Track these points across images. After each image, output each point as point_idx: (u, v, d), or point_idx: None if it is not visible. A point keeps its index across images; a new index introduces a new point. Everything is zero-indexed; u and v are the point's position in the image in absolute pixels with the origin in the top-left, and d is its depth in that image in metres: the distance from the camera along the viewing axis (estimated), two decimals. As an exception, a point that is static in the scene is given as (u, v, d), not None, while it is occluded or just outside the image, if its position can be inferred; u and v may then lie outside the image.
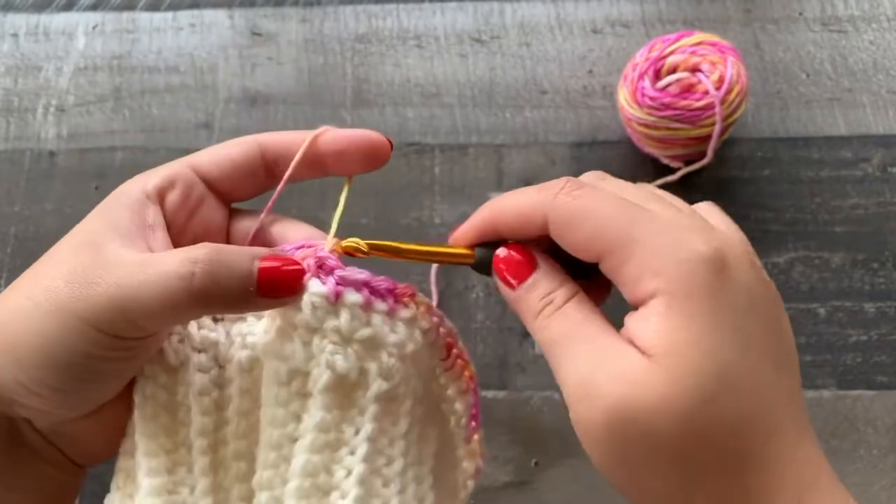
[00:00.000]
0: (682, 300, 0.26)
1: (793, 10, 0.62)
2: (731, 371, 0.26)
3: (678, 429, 0.25)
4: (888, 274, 0.54)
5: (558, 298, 0.28)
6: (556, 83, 0.61)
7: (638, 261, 0.26)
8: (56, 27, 0.64)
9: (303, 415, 0.28)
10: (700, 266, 0.26)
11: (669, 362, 0.25)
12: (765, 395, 0.26)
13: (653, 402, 0.25)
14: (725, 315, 0.26)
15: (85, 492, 0.51)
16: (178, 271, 0.26)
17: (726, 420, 0.26)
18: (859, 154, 0.57)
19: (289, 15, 0.64)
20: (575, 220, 0.28)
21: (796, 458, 0.26)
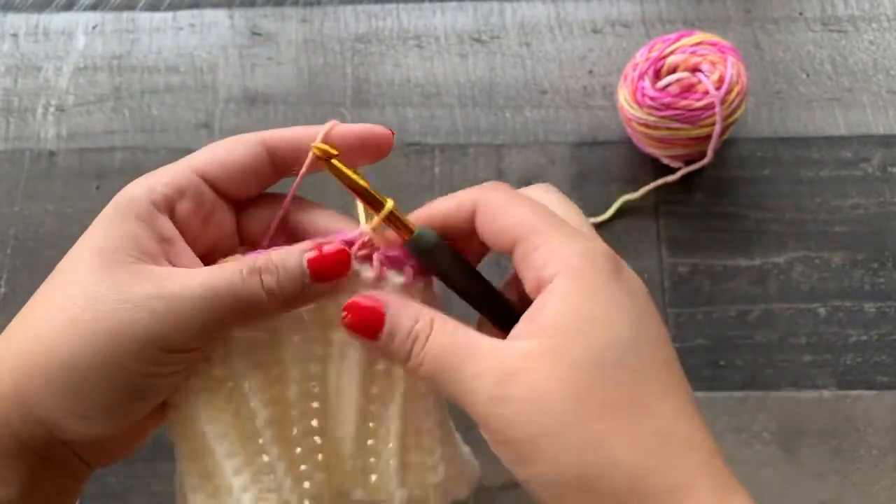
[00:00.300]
0: (581, 281, 0.28)
1: (793, 9, 0.62)
2: (629, 347, 0.27)
3: (572, 400, 0.26)
4: (888, 274, 0.54)
5: (422, 329, 0.29)
6: (556, 83, 0.61)
7: (547, 248, 0.29)
8: (56, 27, 0.64)
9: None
10: (600, 257, 0.29)
11: (560, 341, 0.27)
12: (663, 389, 0.27)
13: (538, 382, 0.27)
14: (622, 300, 0.28)
15: (85, 492, 0.51)
16: (244, 279, 0.28)
17: (618, 381, 0.27)
18: (859, 154, 0.57)
19: (289, 15, 0.64)
20: (500, 209, 0.30)
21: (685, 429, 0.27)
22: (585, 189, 0.57)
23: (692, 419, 0.28)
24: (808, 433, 0.51)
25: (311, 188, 0.58)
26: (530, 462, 0.27)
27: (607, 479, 0.26)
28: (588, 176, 0.58)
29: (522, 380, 0.27)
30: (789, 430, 0.51)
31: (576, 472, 0.26)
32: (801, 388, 0.52)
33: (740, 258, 0.55)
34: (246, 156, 0.32)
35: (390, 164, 0.58)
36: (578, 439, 0.26)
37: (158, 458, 0.51)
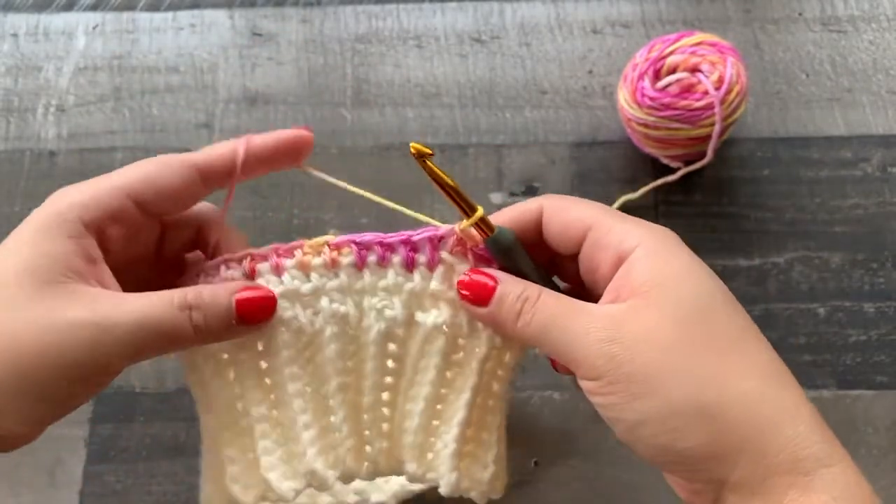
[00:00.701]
0: (661, 247, 0.31)
1: (792, 10, 0.62)
2: (716, 295, 0.30)
3: (679, 338, 0.29)
4: (888, 274, 0.54)
5: (532, 294, 0.32)
6: (556, 83, 0.61)
7: (621, 228, 0.31)
8: (56, 27, 0.64)
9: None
10: (669, 233, 0.32)
11: (656, 293, 0.29)
12: (756, 335, 0.31)
13: (643, 324, 0.29)
14: (697, 262, 0.31)
15: (84, 492, 0.51)
16: (175, 315, 0.30)
17: (718, 329, 0.29)
18: (859, 154, 0.57)
19: (289, 15, 0.64)
20: (566, 207, 0.33)
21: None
22: (585, 189, 0.57)
23: (781, 360, 0.31)
24: (807, 433, 0.51)
25: (311, 190, 0.58)
26: (644, 397, 0.28)
27: (725, 406, 0.28)
28: (588, 176, 0.58)
29: (631, 325, 0.29)
30: (789, 429, 0.51)
31: (694, 402, 0.28)
32: (801, 388, 0.52)
33: (740, 258, 0.55)
34: (179, 179, 0.33)
35: (390, 165, 0.59)
36: (692, 373, 0.28)
37: (158, 457, 0.52)
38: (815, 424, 0.29)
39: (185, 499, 0.51)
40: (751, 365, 0.29)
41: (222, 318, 0.31)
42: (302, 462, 0.34)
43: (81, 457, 0.52)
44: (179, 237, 0.36)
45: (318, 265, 0.34)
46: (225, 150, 0.34)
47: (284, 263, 0.33)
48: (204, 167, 0.34)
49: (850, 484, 0.28)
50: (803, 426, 0.28)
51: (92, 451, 0.52)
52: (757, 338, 0.30)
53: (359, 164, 0.59)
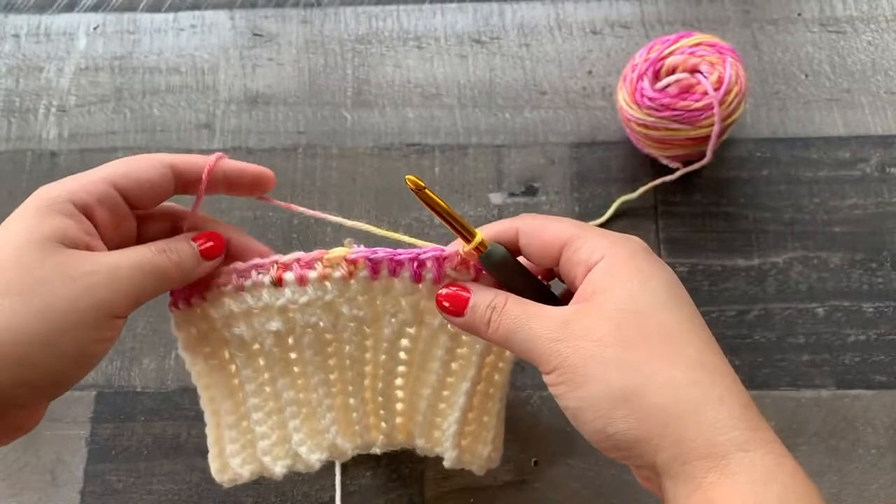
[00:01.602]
0: (620, 255, 0.34)
1: (791, 10, 0.62)
2: (658, 295, 0.33)
3: (613, 332, 0.32)
4: (886, 274, 0.54)
5: (498, 303, 0.36)
6: (556, 84, 0.61)
7: (592, 243, 0.35)
8: (57, 28, 0.64)
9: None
10: (637, 245, 0.36)
11: (600, 297, 0.33)
12: (695, 328, 0.33)
13: (586, 323, 0.33)
14: (654, 268, 0.34)
15: (85, 491, 0.51)
16: (160, 255, 0.36)
17: (655, 321, 0.33)
18: (858, 154, 0.57)
19: (289, 16, 0.64)
20: (541, 227, 0.37)
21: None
22: (584, 189, 0.57)
23: (719, 354, 0.33)
24: (806, 432, 0.51)
25: (312, 191, 0.58)
26: (584, 384, 0.32)
27: (649, 393, 0.31)
28: (587, 176, 0.58)
29: (575, 324, 0.33)
30: (788, 429, 0.51)
31: (621, 388, 0.31)
32: (800, 388, 0.52)
33: (739, 258, 0.55)
34: (157, 175, 0.37)
35: (391, 165, 0.59)
36: (622, 362, 0.31)
37: (159, 456, 0.52)
38: (738, 412, 0.31)
39: (186, 497, 0.51)
40: (680, 357, 0.32)
41: (191, 256, 0.38)
42: (325, 438, 0.41)
43: (82, 456, 0.52)
44: (155, 230, 0.40)
45: (336, 278, 0.38)
46: (199, 160, 0.39)
47: (308, 275, 0.38)
48: (178, 169, 0.38)
49: (770, 466, 0.30)
50: (724, 413, 0.30)
51: (93, 451, 0.52)
52: (694, 333, 0.33)
53: (359, 164, 0.59)
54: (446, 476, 0.51)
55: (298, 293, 0.38)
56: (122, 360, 0.54)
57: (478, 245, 0.36)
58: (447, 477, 0.51)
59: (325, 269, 0.38)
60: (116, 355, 0.54)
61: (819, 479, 0.50)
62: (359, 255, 0.38)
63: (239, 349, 0.41)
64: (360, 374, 0.42)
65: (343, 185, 0.58)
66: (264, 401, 0.41)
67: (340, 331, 0.40)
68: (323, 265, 0.38)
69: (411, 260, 0.38)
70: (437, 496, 0.50)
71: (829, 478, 0.50)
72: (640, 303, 0.33)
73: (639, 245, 0.36)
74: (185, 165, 0.38)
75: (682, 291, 0.35)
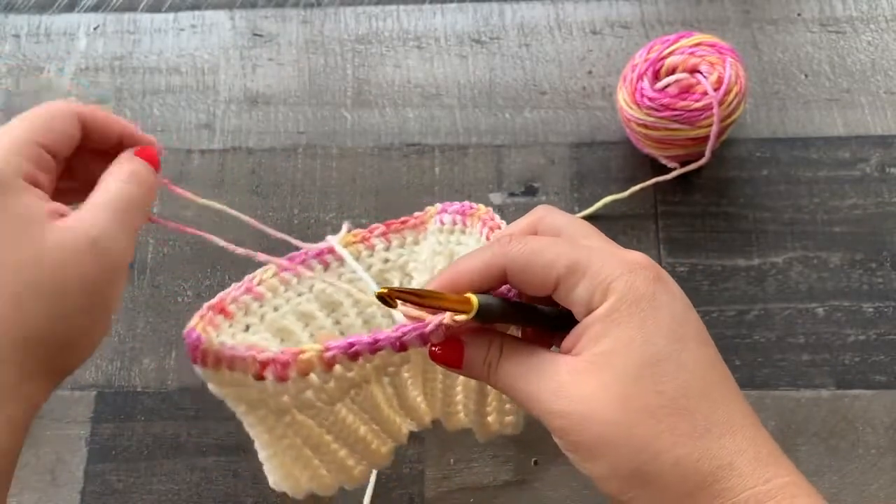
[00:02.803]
0: (625, 307, 0.31)
1: (791, 10, 0.62)
2: (661, 354, 0.31)
3: (616, 410, 0.30)
4: (886, 274, 0.54)
5: (493, 358, 0.34)
6: (556, 84, 0.61)
7: (587, 283, 0.31)
8: (58, 28, 0.64)
9: None
10: (640, 273, 0.32)
11: (601, 361, 0.31)
12: (701, 388, 0.31)
13: (585, 395, 0.31)
14: (659, 316, 0.31)
15: (85, 491, 0.51)
16: (126, 189, 0.36)
17: (664, 393, 0.30)
18: (857, 154, 0.57)
19: (289, 16, 0.64)
20: (528, 263, 0.33)
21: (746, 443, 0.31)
22: (584, 189, 0.57)
23: (732, 407, 0.31)
24: (806, 432, 0.51)
25: (312, 191, 0.58)
26: (593, 461, 0.31)
27: (659, 473, 0.30)
28: (587, 176, 0.58)
29: (573, 393, 0.31)
30: (787, 429, 0.51)
31: (631, 470, 0.30)
32: (800, 388, 0.52)
33: (739, 258, 0.55)
34: (72, 125, 0.36)
35: (390, 165, 0.59)
36: (627, 443, 0.30)
37: (159, 456, 0.52)
38: (750, 470, 0.30)
39: (186, 497, 0.51)
40: (686, 430, 0.30)
41: (150, 174, 0.37)
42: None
43: (82, 456, 0.52)
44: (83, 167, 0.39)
45: (315, 374, 0.36)
46: (112, 119, 0.38)
47: (289, 374, 0.35)
48: (85, 121, 0.37)
49: None
50: (734, 480, 0.30)
51: (93, 451, 0.52)
52: (704, 393, 0.31)
53: (359, 165, 0.59)
54: (446, 476, 0.51)
55: (283, 387, 0.36)
56: (122, 360, 0.54)
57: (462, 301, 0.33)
58: (447, 477, 0.51)
59: (302, 367, 0.35)
60: (116, 355, 0.54)
61: (819, 479, 0.50)
62: (335, 352, 0.35)
63: (285, 411, 0.39)
64: (376, 406, 0.41)
65: (343, 185, 0.58)
66: (298, 449, 0.41)
67: (341, 393, 0.38)
68: (298, 372, 0.35)
69: (393, 344, 0.35)
70: (437, 496, 0.50)
71: (829, 478, 0.50)
72: (643, 371, 0.31)
73: (645, 280, 0.32)
74: (94, 121, 0.37)
75: (688, 327, 0.32)
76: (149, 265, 0.56)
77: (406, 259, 0.45)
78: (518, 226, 0.36)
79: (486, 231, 0.42)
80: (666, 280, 0.32)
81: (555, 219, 0.35)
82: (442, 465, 0.51)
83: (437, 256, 0.44)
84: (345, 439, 0.41)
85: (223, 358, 0.34)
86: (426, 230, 0.45)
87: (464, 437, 0.51)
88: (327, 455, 0.41)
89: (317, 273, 0.44)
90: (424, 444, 0.51)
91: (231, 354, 0.34)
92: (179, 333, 0.54)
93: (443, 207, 0.44)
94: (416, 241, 0.45)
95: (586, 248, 0.33)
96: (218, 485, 0.51)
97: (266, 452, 0.41)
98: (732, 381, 0.32)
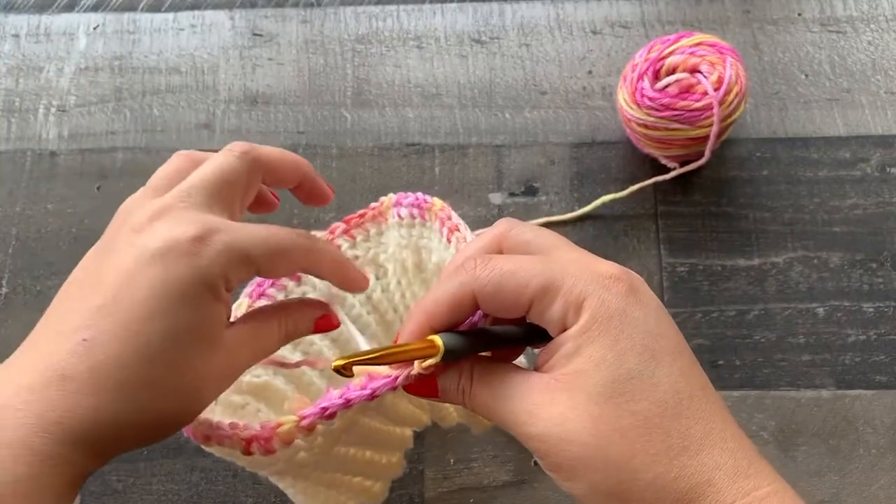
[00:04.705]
0: (598, 325, 0.30)
1: (791, 10, 0.62)
2: (633, 372, 0.30)
3: (589, 431, 0.30)
4: (887, 274, 0.54)
5: (465, 385, 0.33)
6: (556, 84, 0.61)
7: (560, 302, 0.31)
8: (57, 28, 0.64)
9: None
10: (612, 288, 0.31)
11: (572, 381, 0.30)
12: (676, 404, 0.30)
13: (558, 416, 0.30)
14: (634, 335, 0.31)
15: (85, 491, 0.51)
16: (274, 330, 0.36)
17: (638, 413, 0.30)
18: (858, 154, 0.57)
19: (289, 16, 0.64)
20: (499, 287, 0.31)
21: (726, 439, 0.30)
22: (584, 189, 0.57)
23: (709, 421, 0.31)
24: (806, 432, 0.51)
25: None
26: (573, 481, 0.31)
27: (636, 492, 0.30)
28: (587, 176, 0.58)
29: (546, 414, 0.30)
30: (788, 429, 0.51)
31: (609, 489, 0.30)
32: (800, 388, 0.52)
33: (739, 258, 0.55)
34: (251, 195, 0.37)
35: (390, 165, 0.59)
36: (604, 464, 0.30)
37: (159, 456, 0.52)
38: (727, 483, 0.29)
39: (186, 497, 0.51)
40: (662, 448, 0.30)
41: (306, 330, 0.38)
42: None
43: (82, 456, 0.52)
44: None
45: (298, 440, 0.36)
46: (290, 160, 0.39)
47: (273, 446, 0.35)
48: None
49: None
50: (713, 495, 0.29)
51: (93, 451, 0.52)
52: (679, 410, 0.30)
53: (359, 165, 0.59)
54: (446, 476, 0.51)
55: (273, 458, 0.36)
56: (121, 360, 0.54)
57: (425, 348, 0.32)
58: (447, 477, 0.51)
59: (284, 436, 0.35)
60: (116, 355, 0.54)
61: (819, 480, 0.50)
62: (311, 419, 0.35)
63: (300, 467, 0.39)
64: (373, 431, 0.41)
65: (343, 185, 0.58)
66: (314, 488, 0.41)
67: (332, 443, 0.38)
68: (281, 444, 0.35)
69: (367, 399, 0.34)
70: (437, 496, 0.50)
71: (829, 478, 0.50)
72: (615, 388, 0.30)
73: (616, 295, 0.31)
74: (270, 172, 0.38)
75: (663, 339, 0.31)
76: (148, 265, 0.56)
77: (375, 252, 0.45)
78: (481, 242, 0.34)
79: (446, 232, 0.41)
80: (639, 291, 0.32)
81: (520, 233, 0.34)
82: (442, 465, 0.51)
83: (405, 251, 0.44)
84: (353, 470, 0.41)
85: (212, 435, 0.35)
86: (386, 221, 0.45)
87: (464, 437, 0.50)
88: (343, 486, 0.41)
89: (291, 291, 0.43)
90: (424, 444, 0.51)
91: (218, 434, 0.34)
92: (179, 333, 0.54)
93: (397, 199, 0.44)
94: (380, 232, 0.45)
95: (558, 263, 0.32)
96: (218, 485, 0.51)
97: (287, 491, 0.41)
98: (711, 390, 0.32)
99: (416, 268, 0.45)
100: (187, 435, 0.35)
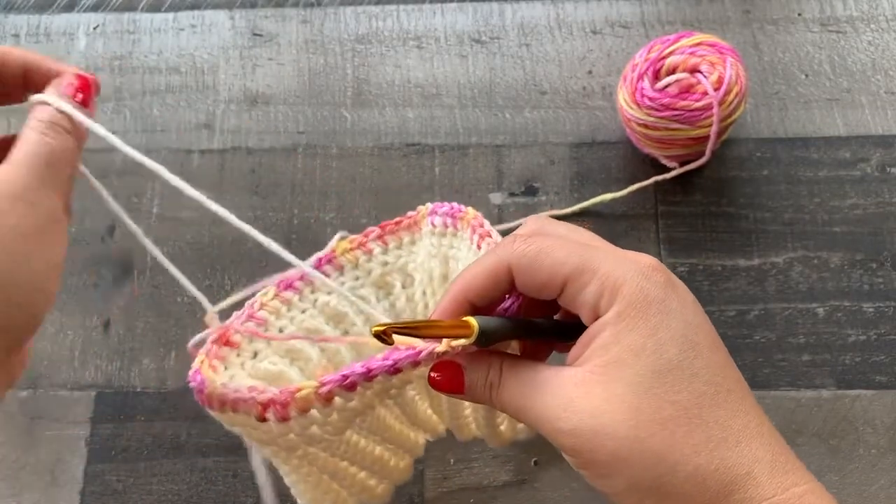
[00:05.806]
0: (634, 311, 0.30)
1: (792, 10, 0.62)
2: (673, 368, 0.30)
3: (628, 423, 0.29)
4: (887, 274, 0.54)
5: (494, 379, 0.33)
6: (556, 84, 0.61)
7: (596, 284, 0.30)
8: (57, 28, 0.64)
9: None
10: (651, 277, 0.31)
11: (611, 370, 0.30)
12: (715, 395, 0.30)
13: (594, 409, 0.30)
14: (669, 321, 0.30)
15: (85, 491, 0.51)
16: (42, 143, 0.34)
17: (678, 401, 0.30)
18: (858, 154, 0.57)
19: (289, 16, 0.64)
20: (536, 261, 0.31)
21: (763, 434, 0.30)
22: (585, 189, 0.57)
23: (747, 414, 0.30)
24: (806, 432, 0.51)
25: (312, 191, 0.58)
26: (609, 478, 0.30)
27: (677, 484, 0.29)
28: (587, 176, 0.58)
29: (581, 407, 0.30)
30: (788, 429, 0.51)
31: (649, 483, 0.29)
32: (800, 388, 0.52)
33: (739, 258, 0.55)
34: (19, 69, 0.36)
35: (390, 165, 0.59)
36: (642, 457, 0.29)
37: (159, 456, 0.52)
38: (767, 478, 0.29)
39: (186, 497, 0.51)
40: (702, 438, 0.29)
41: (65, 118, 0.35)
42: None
43: (82, 456, 0.52)
44: None
45: (315, 409, 0.35)
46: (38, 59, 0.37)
47: (289, 413, 0.35)
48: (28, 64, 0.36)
49: None
50: (753, 488, 0.29)
51: (93, 451, 0.52)
52: (716, 400, 0.30)
53: (359, 164, 0.59)
54: (446, 476, 0.51)
55: (287, 427, 0.35)
56: (122, 360, 0.54)
57: (461, 326, 0.31)
58: (447, 477, 0.51)
59: (301, 404, 0.35)
60: (116, 355, 0.54)
61: (819, 480, 0.49)
62: (330, 386, 0.34)
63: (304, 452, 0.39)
64: (387, 427, 0.41)
65: (343, 185, 0.58)
66: (317, 476, 0.41)
67: (346, 423, 0.38)
68: (298, 410, 0.35)
69: (388, 370, 0.34)
70: (437, 496, 0.50)
71: (829, 478, 0.50)
72: (655, 379, 0.30)
73: (656, 284, 0.31)
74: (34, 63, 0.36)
75: (700, 332, 0.31)
76: (149, 265, 0.56)
77: (405, 260, 0.45)
78: (520, 231, 0.35)
79: (477, 238, 0.41)
80: (676, 284, 0.32)
81: (556, 227, 0.34)
82: (442, 465, 0.51)
83: (433, 260, 0.44)
84: (361, 462, 0.41)
85: (227, 401, 0.34)
86: (420, 230, 0.45)
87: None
88: (346, 479, 0.41)
89: (319, 285, 0.43)
90: (424, 444, 0.51)
91: (234, 397, 0.34)
92: (179, 334, 0.55)
93: (433, 208, 0.44)
94: (413, 241, 0.45)
95: (595, 248, 0.32)
96: (218, 485, 0.51)
97: (289, 479, 0.41)
98: (745, 386, 0.31)
99: (443, 278, 0.44)
100: (202, 403, 0.34)
